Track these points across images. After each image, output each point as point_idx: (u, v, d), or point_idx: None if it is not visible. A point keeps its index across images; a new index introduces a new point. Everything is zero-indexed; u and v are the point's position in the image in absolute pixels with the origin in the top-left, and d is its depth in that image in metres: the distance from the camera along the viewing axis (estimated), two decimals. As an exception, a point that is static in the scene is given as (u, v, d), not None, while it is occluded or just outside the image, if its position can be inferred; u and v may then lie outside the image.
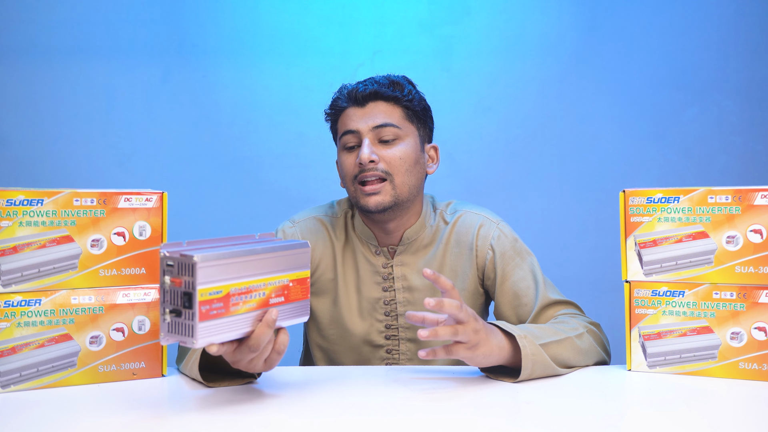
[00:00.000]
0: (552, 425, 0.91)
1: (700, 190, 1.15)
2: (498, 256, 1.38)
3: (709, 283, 1.14)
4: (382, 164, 1.31)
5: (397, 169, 1.32)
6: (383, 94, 1.34)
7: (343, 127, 1.35)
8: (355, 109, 1.34)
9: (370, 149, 1.31)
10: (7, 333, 1.05)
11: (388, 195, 1.32)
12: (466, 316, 1.04)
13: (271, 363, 0.99)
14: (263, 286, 0.95)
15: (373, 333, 1.40)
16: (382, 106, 1.34)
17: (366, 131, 1.32)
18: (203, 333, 0.88)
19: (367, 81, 1.36)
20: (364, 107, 1.34)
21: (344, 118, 1.36)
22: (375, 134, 1.33)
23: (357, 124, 1.33)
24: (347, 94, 1.36)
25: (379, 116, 1.33)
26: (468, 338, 1.04)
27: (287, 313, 0.99)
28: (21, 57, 2.45)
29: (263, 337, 0.94)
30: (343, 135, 1.35)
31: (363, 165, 1.31)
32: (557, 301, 1.32)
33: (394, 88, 1.35)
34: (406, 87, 1.37)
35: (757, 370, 1.11)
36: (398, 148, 1.33)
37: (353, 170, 1.33)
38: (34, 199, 1.06)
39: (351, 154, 1.34)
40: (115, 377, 1.12)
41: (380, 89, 1.34)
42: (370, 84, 1.35)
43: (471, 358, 1.07)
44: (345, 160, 1.35)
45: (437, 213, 1.44)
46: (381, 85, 1.34)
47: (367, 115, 1.33)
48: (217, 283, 0.89)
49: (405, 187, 1.33)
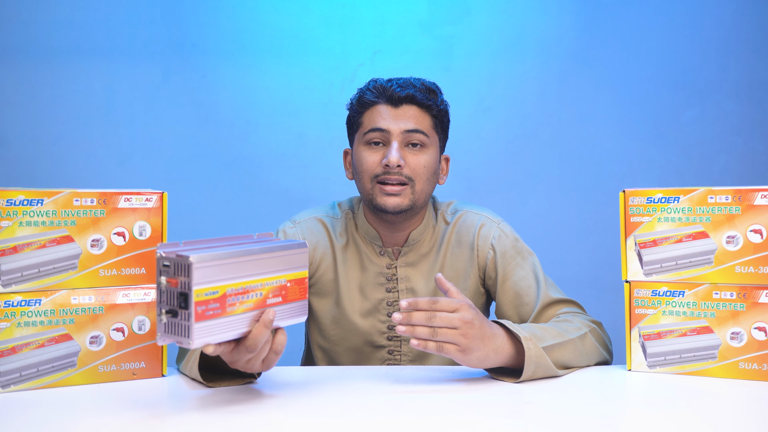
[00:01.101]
0: (552, 425, 0.91)
1: (700, 190, 1.15)
2: (499, 256, 1.38)
3: (709, 283, 1.14)
4: (407, 169, 1.31)
5: (419, 176, 1.32)
6: (419, 100, 1.33)
7: (372, 123, 1.33)
8: (387, 108, 1.33)
9: (399, 153, 1.30)
10: (7, 333, 1.05)
11: (407, 199, 1.32)
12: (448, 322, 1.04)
13: (269, 363, 0.99)
14: (260, 287, 0.95)
15: (375, 333, 1.40)
16: (414, 110, 1.33)
17: (396, 133, 1.32)
18: (199, 333, 0.88)
19: (402, 82, 1.34)
20: (397, 108, 1.33)
21: (374, 114, 1.34)
22: (404, 137, 1.32)
23: (389, 124, 1.32)
24: (381, 90, 1.34)
25: (411, 121, 1.32)
26: (457, 342, 1.05)
27: (285, 313, 0.99)
28: (21, 57, 2.45)
29: (260, 338, 0.94)
30: (370, 131, 1.33)
31: (389, 168, 1.30)
32: (559, 299, 1.32)
33: (429, 95, 1.35)
34: (439, 96, 1.37)
35: (757, 370, 1.11)
36: (424, 156, 1.33)
37: (375, 169, 1.32)
38: (34, 199, 1.06)
39: (375, 151, 1.33)
40: (115, 377, 1.12)
41: (417, 94, 1.33)
42: (407, 86, 1.33)
43: (464, 360, 1.07)
44: (367, 157, 1.33)
45: (438, 213, 1.44)
46: (418, 90, 1.33)
47: (399, 118, 1.32)
48: (213, 283, 0.89)
49: (423, 194, 1.34)
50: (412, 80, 1.36)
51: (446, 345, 1.05)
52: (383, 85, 1.34)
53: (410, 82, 1.34)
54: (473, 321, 1.06)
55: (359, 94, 1.37)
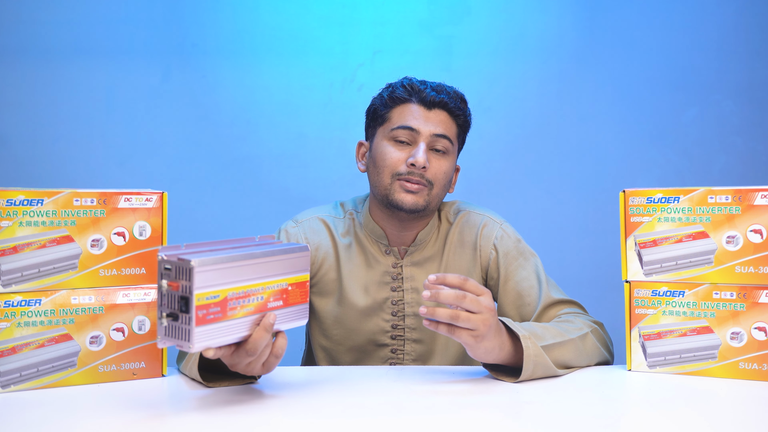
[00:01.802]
0: (552, 425, 0.91)
1: (700, 190, 1.15)
2: (501, 256, 1.39)
3: (709, 283, 1.14)
4: (430, 172, 1.32)
5: (438, 181, 1.34)
6: (450, 107, 1.35)
7: (402, 120, 1.34)
8: (420, 109, 1.34)
9: (426, 155, 1.31)
10: (7, 333, 1.05)
11: (423, 199, 1.32)
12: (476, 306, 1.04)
13: (269, 366, 0.99)
14: (261, 290, 0.95)
15: (378, 332, 1.40)
16: (444, 116, 1.35)
17: (426, 135, 1.32)
18: (200, 337, 0.88)
19: (437, 86, 1.36)
20: (429, 111, 1.34)
21: (404, 112, 1.35)
22: (431, 141, 1.33)
23: (419, 125, 1.33)
24: (414, 90, 1.35)
25: (440, 125, 1.34)
26: (476, 326, 1.04)
27: (286, 316, 0.99)
28: (21, 57, 2.45)
29: (261, 342, 0.94)
30: (399, 128, 1.33)
31: (415, 167, 1.31)
32: (560, 300, 1.33)
33: (460, 104, 1.37)
34: (467, 107, 1.39)
35: (757, 370, 1.11)
36: (445, 163, 1.35)
37: (399, 166, 1.32)
38: (34, 199, 1.06)
39: (400, 149, 1.33)
40: (115, 377, 1.12)
41: (450, 101, 1.34)
42: (441, 91, 1.35)
43: (472, 347, 1.06)
44: (391, 152, 1.33)
45: (441, 213, 1.44)
46: (451, 98, 1.35)
47: (430, 121, 1.33)
48: (214, 287, 0.89)
49: (437, 198, 1.35)
50: (446, 86, 1.37)
51: (460, 329, 1.04)
52: (417, 85, 1.36)
53: (444, 88, 1.36)
54: (494, 310, 1.07)
55: (391, 89, 1.38)
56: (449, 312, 1.03)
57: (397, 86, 1.37)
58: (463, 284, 1.05)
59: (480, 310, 1.04)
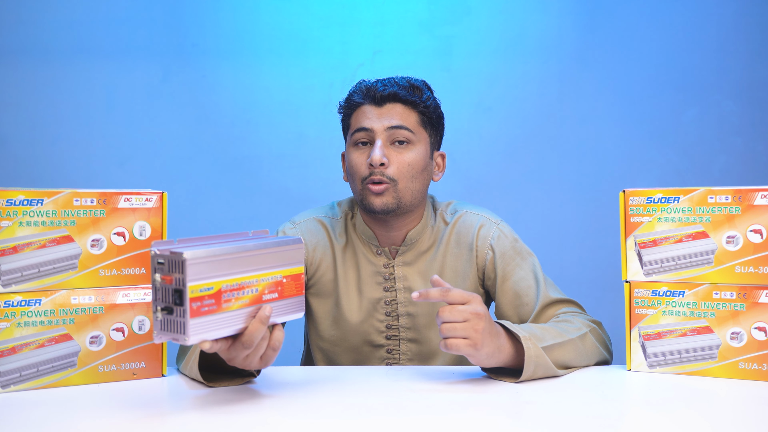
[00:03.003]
0: (552, 425, 0.91)
1: (700, 190, 1.15)
2: (498, 257, 1.38)
3: (709, 283, 1.14)
4: (391, 168, 1.31)
5: (403, 174, 1.32)
6: (402, 97, 1.33)
7: (357, 124, 1.34)
8: (371, 108, 1.33)
9: (382, 151, 1.30)
10: (7, 333, 1.05)
11: (391, 197, 1.31)
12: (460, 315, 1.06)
13: (267, 360, 0.99)
14: (256, 282, 0.95)
15: (373, 333, 1.40)
16: (399, 108, 1.33)
17: (380, 131, 1.32)
18: (195, 330, 0.88)
19: (386, 81, 1.35)
20: (381, 107, 1.33)
21: (359, 115, 1.35)
22: (388, 135, 1.32)
23: (372, 123, 1.32)
24: (365, 91, 1.35)
25: (395, 118, 1.32)
26: (467, 334, 1.05)
27: (282, 309, 0.99)
28: (21, 57, 2.45)
29: (257, 334, 0.94)
30: (356, 131, 1.34)
31: (373, 167, 1.30)
32: (558, 299, 1.32)
33: (413, 92, 1.34)
34: (425, 92, 1.36)
35: (757, 370, 1.11)
36: (409, 154, 1.32)
37: (363, 171, 1.32)
38: (34, 199, 1.06)
39: (361, 152, 1.33)
40: (115, 377, 1.12)
41: (400, 92, 1.32)
42: (390, 85, 1.33)
43: (473, 355, 1.07)
44: (356, 158, 1.33)
45: (437, 213, 1.44)
46: (401, 88, 1.33)
47: (383, 116, 1.32)
48: (208, 279, 0.89)
49: (408, 192, 1.33)
50: (398, 79, 1.36)
51: (454, 341, 1.05)
52: (368, 85, 1.35)
53: (394, 81, 1.34)
54: (484, 314, 1.06)
55: (347, 96, 1.38)
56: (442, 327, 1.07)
57: (352, 93, 1.37)
58: (445, 296, 1.07)
59: (465, 318, 1.05)
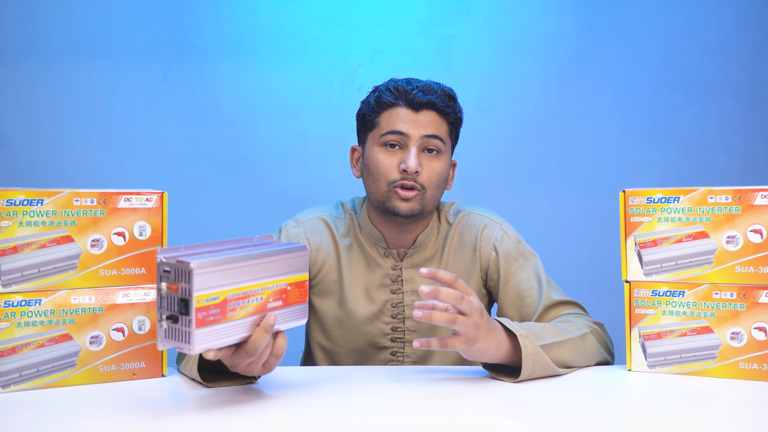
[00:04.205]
0: (552, 425, 0.91)
1: (700, 190, 1.15)
2: (501, 257, 1.38)
3: (709, 283, 1.14)
4: (422, 176, 1.31)
5: (432, 183, 1.32)
6: (439, 106, 1.32)
7: (391, 126, 1.32)
8: (407, 112, 1.32)
9: (417, 160, 1.30)
10: (7, 333, 1.05)
11: (418, 204, 1.31)
12: (468, 308, 1.04)
13: (270, 367, 0.99)
14: (261, 291, 0.95)
15: (379, 335, 1.40)
16: (433, 116, 1.32)
17: (415, 138, 1.31)
18: (200, 339, 0.88)
19: (423, 86, 1.33)
20: (417, 113, 1.31)
21: (392, 116, 1.32)
22: (422, 143, 1.31)
23: (408, 128, 1.31)
24: (402, 93, 1.32)
25: (430, 126, 1.31)
26: (467, 331, 1.04)
27: (286, 316, 0.99)
28: (21, 57, 2.45)
29: (260, 342, 0.94)
30: (388, 133, 1.31)
31: (407, 173, 1.29)
32: (561, 301, 1.32)
33: (449, 102, 1.34)
34: (457, 104, 1.36)
35: (757, 370, 1.11)
36: (438, 164, 1.33)
37: (392, 174, 1.31)
38: (34, 199, 1.06)
39: (390, 154, 1.32)
40: (115, 377, 1.12)
41: (438, 101, 1.32)
42: (429, 92, 1.32)
43: (466, 351, 1.07)
44: (384, 159, 1.32)
45: (441, 214, 1.44)
46: (439, 96, 1.32)
47: (419, 123, 1.31)
48: (214, 289, 0.89)
49: (432, 200, 1.34)
50: (433, 85, 1.34)
51: (453, 340, 1.05)
52: (404, 87, 1.33)
53: (431, 87, 1.33)
54: (481, 311, 1.06)
55: (378, 94, 1.35)
56: (447, 317, 1.03)
57: (383, 90, 1.35)
58: (453, 282, 1.06)
59: (471, 312, 1.05)
